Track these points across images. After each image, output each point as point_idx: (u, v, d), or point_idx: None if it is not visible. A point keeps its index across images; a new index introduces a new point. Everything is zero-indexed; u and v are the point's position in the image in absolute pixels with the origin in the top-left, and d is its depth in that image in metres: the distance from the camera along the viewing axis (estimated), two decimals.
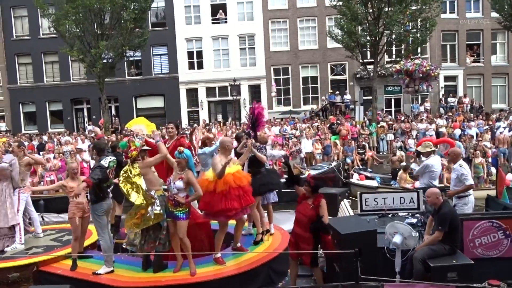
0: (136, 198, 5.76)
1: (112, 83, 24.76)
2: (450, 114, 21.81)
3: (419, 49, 23.50)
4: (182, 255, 5.98)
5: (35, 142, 19.98)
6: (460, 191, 6.87)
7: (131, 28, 21.63)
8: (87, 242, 6.92)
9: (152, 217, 5.70)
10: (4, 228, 7.14)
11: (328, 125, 19.15)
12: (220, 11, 27.40)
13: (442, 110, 23.94)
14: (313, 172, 14.30)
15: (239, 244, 6.51)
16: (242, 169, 6.38)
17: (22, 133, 25.53)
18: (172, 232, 5.93)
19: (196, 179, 6.00)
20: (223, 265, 5.99)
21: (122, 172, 5.95)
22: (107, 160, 6.14)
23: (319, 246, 5.81)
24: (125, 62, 26.13)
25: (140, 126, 7.75)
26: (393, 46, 23.42)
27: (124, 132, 22.09)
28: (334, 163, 15.06)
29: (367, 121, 20.13)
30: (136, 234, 6.06)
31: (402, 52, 22.19)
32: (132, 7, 21.60)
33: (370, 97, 23.20)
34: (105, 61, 21.61)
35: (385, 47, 21.38)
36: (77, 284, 5.81)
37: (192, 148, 7.40)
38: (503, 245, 5.76)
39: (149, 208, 5.71)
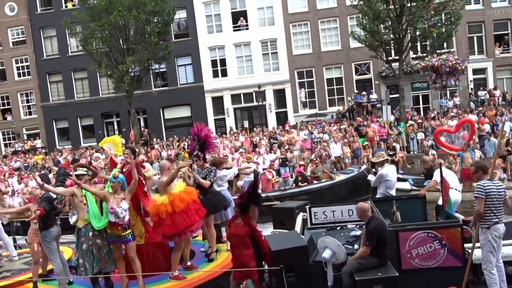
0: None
1: (140, 95, 25.32)
2: (481, 108, 21.27)
3: (444, 44, 23.06)
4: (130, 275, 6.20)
5: (70, 157, 20.62)
6: (427, 188, 7.67)
7: (156, 42, 22.13)
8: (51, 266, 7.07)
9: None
10: None
11: (354, 127, 19.02)
12: (241, 18, 27.62)
13: (472, 105, 23.39)
14: (343, 177, 14.26)
15: (189, 263, 6.82)
16: None
17: (56, 148, 26.42)
18: (118, 256, 6.27)
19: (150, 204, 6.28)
20: (185, 280, 6.26)
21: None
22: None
23: (263, 262, 5.78)
24: (151, 75, 26.68)
25: (109, 145, 7.90)
26: (418, 42, 23.02)
27: (152, 143, 22.59)
28: (364, 166, 14.95)
29: (395, 121, 19.88)
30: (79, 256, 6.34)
31: (428, 48, 21.82)
32: (155, 21, 22.10)
33: (397, 95, 22.91)
34: (132, 75, 22.17)
35: (409, 44, 21.08)
36: None
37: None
38: (440, 255, 5.73)
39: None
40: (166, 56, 23.10)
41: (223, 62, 27.85)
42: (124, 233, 6.06)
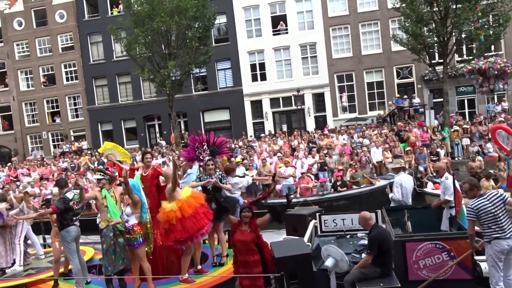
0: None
1: (180, 99, 25.84)
2: None
3: (492, 46, 22.15)
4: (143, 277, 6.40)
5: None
6: (437, 204, 7.27)
7: (196, 46, 22.57)
8: None
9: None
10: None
11: (395, 132, 18.59)
12: (281, 22, 27.69)
13: None
14: (383, 182, 13.97)
15: (199, 267, 6.95)
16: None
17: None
18: (131, 258, 6.53)
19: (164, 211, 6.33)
20: (193, 283, 6.40)
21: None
22: (72, 194, 6.83)
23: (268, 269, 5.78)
24: (192, 79, 27.19)
25: (113, 152, 8.00)
26: (463, 45, 22.22)
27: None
28: (406, 172, 14.55)
29: (439, 126, 19.26)
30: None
31: (474, 51, 21.01)
32: (196, 26, 22.54)
33: (440, 100, 22.20)
34: (173, 79, 22.69)
35: (454, 46, 20.40)
36: None
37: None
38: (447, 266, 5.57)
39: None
40: (206, 60, 23.51)
41: (262, 66, 27.99)
42: (128, 237, 6.30)
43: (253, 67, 28.14)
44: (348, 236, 7.10)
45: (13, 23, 30.82)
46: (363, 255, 6.02)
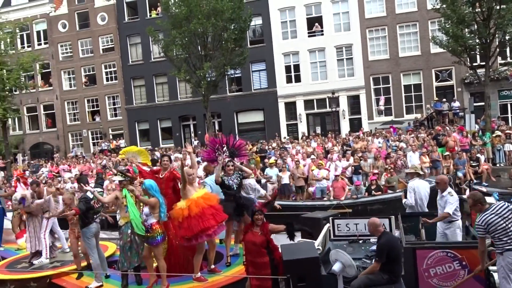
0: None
1: (215, 100, 26.15)
2: None
3: None
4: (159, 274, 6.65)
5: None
6: (437, 219, 6.79)
7: (232, 48, 22.79)
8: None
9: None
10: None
11: (433, 136, 18.09)
12: (316, 24, 27.55)
13: None
14: None
15: (213, 266, 7.08)
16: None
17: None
18: (145, 255, 6.79)
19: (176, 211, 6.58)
20: (205, 282, 6.58)
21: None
22: (91, 194, 7.19)
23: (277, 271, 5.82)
24: (227, 80, 27.47)
25: (134, 154, 8.29)
26: (507, 47, 21.39)
27: None
28: (422, 178, 14.11)
29: (480, 131, 18.60)
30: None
31: None
32: (232, 28, 22.77)
33: (482, 104, 21.45)
34: (208, 80, 23.00)
35: (497, 49, 19.66)
36: None
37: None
38: (460, 276, 5.39)
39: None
40: (241, 62, 23.71)
41: (296, 67, 27.94)
42: (147, 235, 6.53)
43: (287, 68, 28.12)
44: (360, 241, 7.07)
45: (58, 26, 32.11)
46: (373, 261, 6.02)
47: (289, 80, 28.10)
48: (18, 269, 8.13)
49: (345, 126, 26.73)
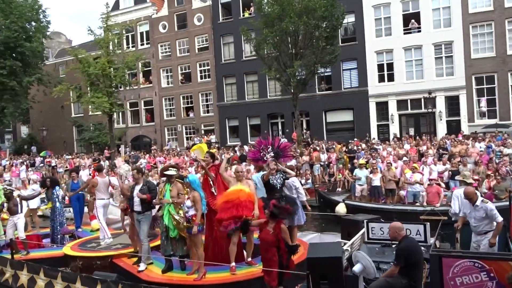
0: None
1: (304, 98, 26.11)
2: None
3: None
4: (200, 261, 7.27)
5: (238, 153, 22.49)
6: (497, 233, 6.46)
7: (323, 46, 22.60)
8: (152, 244, 8.58)
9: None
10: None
11: None
12: (412, 20, 26.24)
13: None
14: None
15: (249, 259, 7.61)
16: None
17: (227, 144, 29.09)
18: (188, 243, 7.44)
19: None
20: (234, 272, 7.11)
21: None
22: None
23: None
24: (316, 78, 27.29)
25: (198, 152, 9.06)
26: None
27: (314, 145, 23.09)
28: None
29: None
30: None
31: None
32: (324, 26, 22.57)
33: None
34: (298, 78, 23.06)
35: None
36: (126, 274, 7.66)
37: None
38: (487, 287, 5.18)
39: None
40: (332, 60, 23.42)
41: (390, 66, 26.87)
42: (188, 225, 7.13)
43: (380, 67, 27.17)
44: (393, 246, 6.88)
45: (159, 27, 34.35)
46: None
47: (381, 79, 27.13)
48: (88, 248, 9.15)
49: (441, 128, 25.14)
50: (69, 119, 38.79)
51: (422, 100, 24.39)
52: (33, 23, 34.12)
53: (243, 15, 31.05)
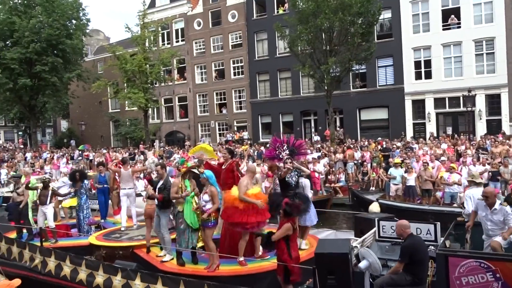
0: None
1: (338, 95, 25.84)
2: None
3: None
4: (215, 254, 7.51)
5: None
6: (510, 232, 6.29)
7: (358, 43, 22.28)
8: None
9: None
10: None
11: None
12: (452, 16, 25.43)
13: None
14: None
15: (260, 253, 7.74)
16: None
17: (259, 141, 29.18)
18: (204, 236, 7.62)
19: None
20: (245, 266, 7.36)
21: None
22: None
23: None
24: (350, 75, 26.93)
25: (201, 152, 9.38)
26: None
27: (348, 143, 22.83)
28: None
29: None
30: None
31: None
32: (359, 22, 22.23)
33: None
34: (332, 75, 22.83)
35: None
36: (145, 264, 7.93)
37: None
38: None
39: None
40: (367, 57, 23.07)
41: (427, 63, 26.18)
42: (203, 218, 7.34)
43: (417, 64, 26.51)
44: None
45: (194, 24, 34.77)
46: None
47: (418, 76, 26.48)
48: (111, 238, 9.51)
49: (481, 128, 24.29)
50: (106, 114, 39.94)
51: (461, 98, 23.66)
52: (74, 21, 35.22)
53: (277, 12, 30.96)
